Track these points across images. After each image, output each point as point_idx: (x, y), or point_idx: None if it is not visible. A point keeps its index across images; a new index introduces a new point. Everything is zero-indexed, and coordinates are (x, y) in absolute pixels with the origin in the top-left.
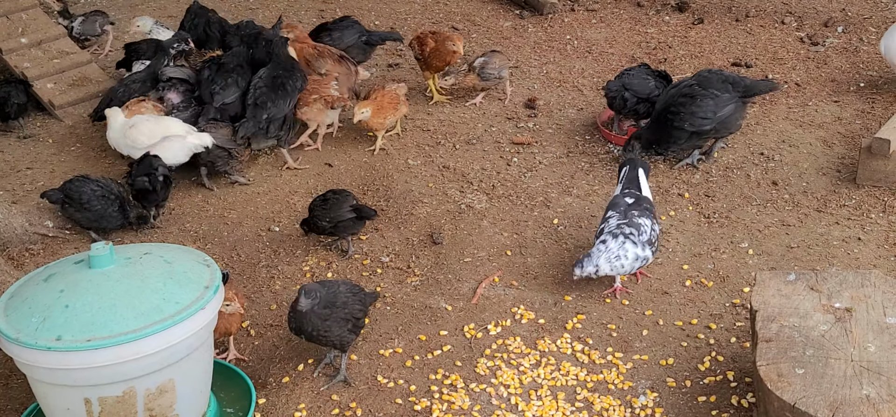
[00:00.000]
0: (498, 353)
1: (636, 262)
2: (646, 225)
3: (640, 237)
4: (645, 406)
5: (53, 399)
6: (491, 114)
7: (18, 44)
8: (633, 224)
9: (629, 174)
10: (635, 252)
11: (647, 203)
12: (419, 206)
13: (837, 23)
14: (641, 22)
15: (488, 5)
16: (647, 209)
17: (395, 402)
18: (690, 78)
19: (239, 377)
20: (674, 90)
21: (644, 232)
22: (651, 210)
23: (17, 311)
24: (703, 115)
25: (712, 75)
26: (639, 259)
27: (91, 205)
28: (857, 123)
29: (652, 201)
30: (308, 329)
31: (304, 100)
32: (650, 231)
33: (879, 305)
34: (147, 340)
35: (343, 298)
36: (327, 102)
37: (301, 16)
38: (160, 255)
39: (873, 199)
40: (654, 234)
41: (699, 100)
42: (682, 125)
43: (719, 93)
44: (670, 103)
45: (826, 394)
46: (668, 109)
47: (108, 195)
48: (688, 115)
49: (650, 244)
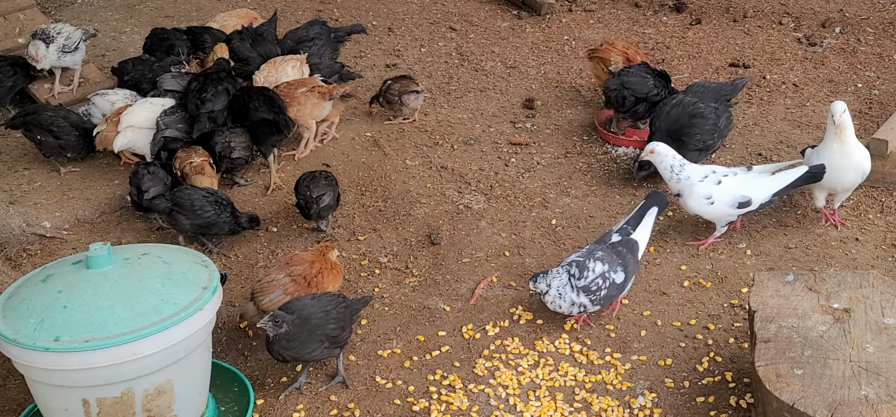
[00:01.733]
0: (496, 354)
1: (573, 308)
2: (593, 270)
3: (579, 281)
4: (643, 407)
5: (51, 399)
6: (489, 114)
7: (16, 44)
8: (581, 265)
9: (640, 209)
10: (571, 297)
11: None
12: (417, 207)
13: (835, 23)
14: (639, 22)
15: (486, 5)
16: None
17: (393, 403)
18: (685, 93)
19: (237, 377)
20: (677, 109)
21: (585, 278)
22: (622, 256)
23: (15, 312)
24: (711, 130)
25: (701, 88)
26: (574, 304)
27: (204, 211)
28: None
29: (636, 244)
30: (282, 355)
31: (295, 99)
32: (595, 278)
33: (878, 306)
34: (145, 341)
35: (317, 317)
36: (321, 94)
37: (299, 16)
38: (158, 256)
39: (871, 200)
40: (600, 284)
41: (707, 117)
42: (695, 145)
43: (717, 106)
44: (681, 123)
45: (825, 395)
46: (681, 130)
47: (221, 201)
48: (700, 133)
49: (587, 291)
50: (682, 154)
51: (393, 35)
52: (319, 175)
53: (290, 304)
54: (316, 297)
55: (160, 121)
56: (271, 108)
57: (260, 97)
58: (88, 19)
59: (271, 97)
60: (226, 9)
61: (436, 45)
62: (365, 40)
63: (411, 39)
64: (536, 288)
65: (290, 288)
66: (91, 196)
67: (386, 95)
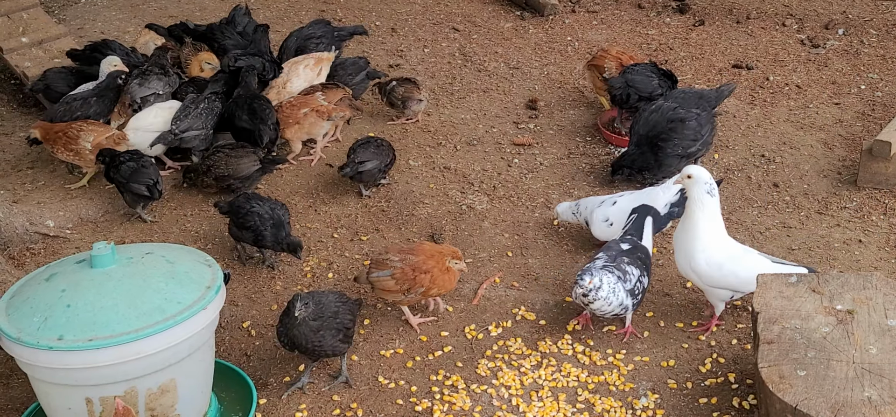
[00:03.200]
0: (499, 354)
1: (619, 308)
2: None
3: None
4: (646, 408)
5: (55, 398)
6: (492, 115)
7: (19, 43)
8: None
9: (636, 221)
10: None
11: (642, 252)
12: (420, 207)
13: (838, 25)
14: (642, 23)
15: (489, 6)
16: (639, 259)
17: (396, 403)
18: (665, 99)
19: (240, 377)
20: (656, 115)
21: (630, 280)
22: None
23: (19, 311)
24: (693, 138)
25: (685, 94)
26: (622, 306)
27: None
28: (857, 125)
29: (649, 251)
30: (301, 341)
31: (294, 118)
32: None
33: (881, 307)
34: (149, 340)
35: (333, 308)
36: (320, 114)
37: (302, 16)
38: (162, 255)
39: (874, 202)
40: (639, 286)
41: (688, 123)
42: (674, 151)
43: (700, 112)
44: (658, 129)
45: (828, 396)
46: (659, 136)
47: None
48: (679, 139)
49: (632, 294)
50: (660, 160)
51: (396, 35)
52: (372, 142)
53: (309, 295)
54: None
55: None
56: (253, 119)
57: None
58: (92, 19)
59: (255, 108)
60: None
61: (439, 45)
62: (368, 40)
63: (415, 40)
64: (591, 284)
65: (397, 274)
66: (94, 195)
67: (390, 96)
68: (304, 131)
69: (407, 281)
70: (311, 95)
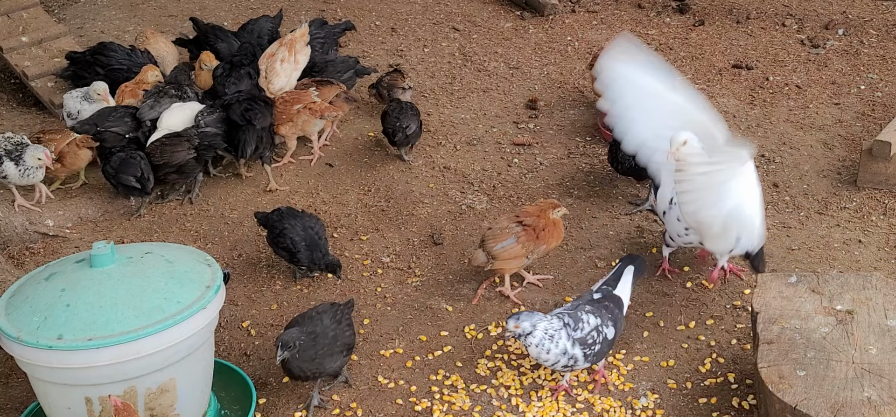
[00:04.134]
0: (499, 354)
1: (562, 358)
2: (587, 322)
3: (575, 332)
4: (646, 408)
5: (54, 398)
6: (491, 114)
7: (19, 42)
8: (574, 316)
9: (617, 270)
10: (565, 345)
11: (611, 301)
12: (420, 207)
13: (838, 25)
14: (642, 23)
15: (489, 6)
16: (606, 308)
17: (395, 403)
18: None
19: (240, 377)
20: None
21: (582, 329)
22: (611, 312)
23: (19, 310)
24: None
25: None
26: (566, 355)
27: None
28: (857, 126)
29: (621, 300)
30: (300, 375)
31: (288, 115)
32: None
33: (881, 308)
34: (148, 339)
35: (331, 333)
36: (313, 112)
37: (302, 15)
38: (161, 255)
39: (874, 202)
40: (595, 337)
41: None
42: None
43: None
44: None
45: (827, 396)
46: None
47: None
48: None
49: (583, 344)
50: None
51: (396, 35)
52: (406, 105)
53: (297, 320)
54: (319, 311)
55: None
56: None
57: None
58: (92, 18)
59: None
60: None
61: (439, 45)
62: (368, 40)
63: (414, 39)
64: (517, 328)
65: (522, 237)
66: (94, 194)
67: (377, 88)
68: (297, 128)
69: (531, 241)
70: (305, 91)
